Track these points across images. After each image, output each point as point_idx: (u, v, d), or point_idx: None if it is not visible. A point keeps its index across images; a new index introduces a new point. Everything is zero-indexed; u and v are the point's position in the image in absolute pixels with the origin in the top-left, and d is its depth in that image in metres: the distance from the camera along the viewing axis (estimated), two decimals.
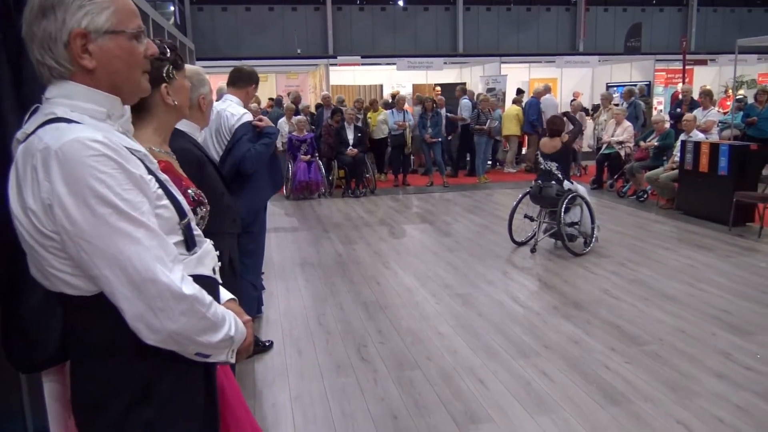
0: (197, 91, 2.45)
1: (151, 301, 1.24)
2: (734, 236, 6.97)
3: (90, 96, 1.31)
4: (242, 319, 1.52)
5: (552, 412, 3.22)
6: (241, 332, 1.48)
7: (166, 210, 1.36)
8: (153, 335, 1.26)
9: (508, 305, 4.91)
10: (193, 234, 1.47)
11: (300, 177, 9.98)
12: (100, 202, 1.19)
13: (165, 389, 1.36)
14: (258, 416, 3.27)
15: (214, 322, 1.35)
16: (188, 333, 1.30)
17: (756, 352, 3.90)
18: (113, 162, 1.21)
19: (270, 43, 22.54)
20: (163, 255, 1.26)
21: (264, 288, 5.28)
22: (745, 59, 15.43)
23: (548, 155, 6.50)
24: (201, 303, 1.31)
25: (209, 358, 1.39)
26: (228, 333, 1.39)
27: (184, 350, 1.33)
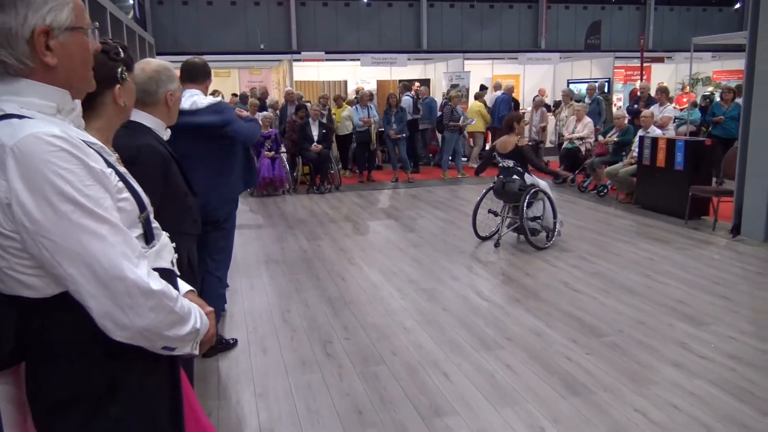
0: (165, 87, 2.40)
1: (119, 298, 1.22)
2: (690, 229, 7.17)
3: (43, 92, 1.28)
4: (205, 310, 1.52)
5: (515, 404, 3.27)
6: (205, 324, 1.49)
7: (128, 203, 1.35)
8: (121, 332, 1.25)
9: (472, 299, 4.96)
10: (152, 227, 1.46)
11: (264, 173, 9.89)
12: (62, 199, 1.16)
13: (132, 386, 1.36)
14: (222, 415, 3.25)
15: (181, 315, 1.35)
16: (157, 328, 1.30)
17: (710, 342, 4.02)
18: (73, 157, 1.19)
19: (232, 38, 22.23)
20: (129, 251, 1.25)
21: (228, 286, 5.22)
22: (700, 57, 15.86)
23: (504, 154, 6.59)
24: (169, 297, 1.31)
25: (175, 350, 1.39)
26: (194, 325, 1.40)
27: (152, 345, 1.33)
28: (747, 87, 6.77)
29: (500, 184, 6.56)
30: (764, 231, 6.48)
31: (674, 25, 26.79)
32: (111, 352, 1.29)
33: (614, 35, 25.24)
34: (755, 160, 6.57)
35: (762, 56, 6.46)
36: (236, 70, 16.78)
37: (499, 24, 25.41)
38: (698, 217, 7.58)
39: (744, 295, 4.95)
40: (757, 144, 6.53)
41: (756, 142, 6.55)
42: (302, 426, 3.11)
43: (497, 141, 6.88)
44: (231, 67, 16.83)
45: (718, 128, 9.99)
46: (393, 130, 10.99)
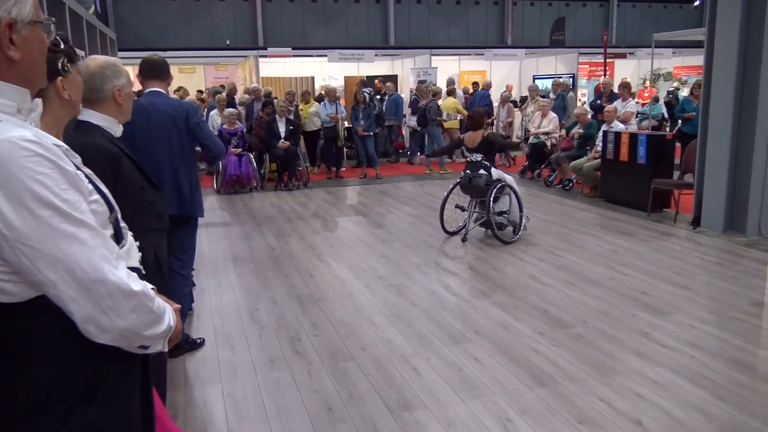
0: (111, 82, 2.35)
1: (101, 301, 1.22)
2: (652, 222, 7.33)
3: (4, 91, 1.25)
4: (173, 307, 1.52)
5: (483, 396, 3.31)
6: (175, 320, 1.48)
7: (99, 205, 1.34)
8: (104, 335, 1.25)
9: (441, 294, 5.00)
10: (121, 227, 1.46)
11: (231, 171, 9.79)
12: (41, 205, 1.14)
13: (108, 387, 1.35)
14: (190, 415, 3.22)
15: (159, 314, 1.36)
16: (137, 328, 1.30)
17: (672, 331, 4.12)
18: (48, 161, 1.17)
19: (197, 34, 21.93)
20: (108, 253, 1.24)
21: (194, 284, 5.17)
22: (661, 53, 16.20)
23: (472, 148, 6.65)
24: (148, 298, 1.32)
25: (149, 349, 1.39)
26: (169, 323, 1.41)
27: (129, 345, 1.33)
28: (705, 83, 6.94)
29: (467, 179, 6.61)
30: (723, 223, 6.66)
31: (636, 22, 27.29)
32: (87, 353, 1.28)
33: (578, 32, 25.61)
34: (714, 154, 6.74)
35: (720, 52, 6.63)
36: (201, 66, 16.58)
37: (465, 20, 25.56)
38: (660, 209, 7.75)
39: (703, 285, 5.08)
40: (716, 138, 6.70)
41: (714, 136, 6.72)
42: (271, 424, 3.10)
43: (465, 135, 6.93)
44: (196, 63, 16.63)
45: (688, 125, 9.89)
46: (361, 126, 10.99)
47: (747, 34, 6.38)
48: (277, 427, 3.08)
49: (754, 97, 6.33)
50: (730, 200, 6.64)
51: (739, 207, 6.59)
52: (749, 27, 6.36)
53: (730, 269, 5.47)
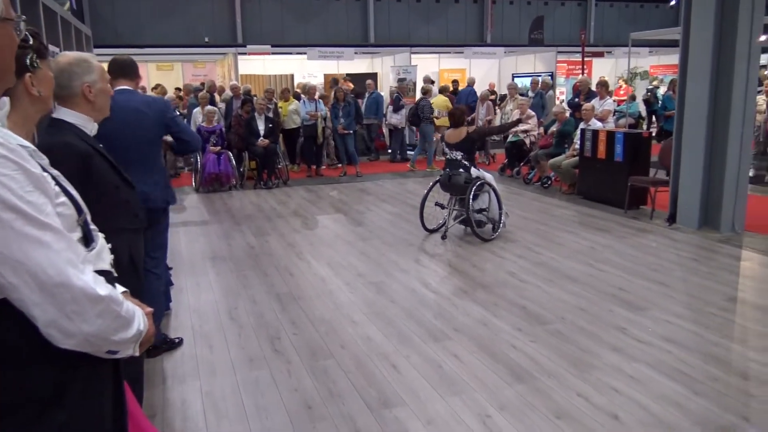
0: (81, 79, 2.31)
1: (65, 305, 1.19)
2: (629, 218, 7.42)
3: None
4: (144, 311, 1.50)
5: (462, 393, 3.32)
6: (146, 325, 1.46)
7: (66, 207, 1.32)
8: (68, 340, 1.22)
9: (420, 291, 5.01)
10: (90, 229, 1.43)
11: (209, 169, 9.71)
12: (4, 208, 1.12)
13: (77, 390, 1.33)
14: (167, 415, 3.19)
15: (127, 319, 1.34)
16: (104, 334, 1.28)
17: (648, 326, 4.18)
18: (12, 163, 1.14)
19: (175, 31, 21.70)
20: (74, 257, 1.22)
21: (173, 284, 5.13)
22: (638, 52, 16.37)
23: (453, 145, 6.67)
24: (115, 302, 1.29)
25: (118, 353, 1.37)
26: (139, 328, 1.39)
27: (97, 351, 1.31)
28: (681, 81, 7.03)
29: (446, 177, 6.63)
30: (698, 219, 6.76)
31: (614, 21, 27.58)
32: (56, 357, 1.26)
33: (557, 30, 25.81)
34: (689, 152, 6.83)
35: (694, 51, 6.72)
36: (179, 64, 16.40)
37: (445, 18, 25.62)
38: (637, 206, 7.85)
39: (679, 281, 5.15)
40: (690, 136, 6.80)
41: (689, 134, 6.82)
42: (250, 423, 3.08)
43: (446, 132, 6.95)
44: (174, 61, 16.44)
45: (670, 122, 10.06)
46: (341, 124, 10.96)
47: (721, 33, 6.47)
48: (257, 426, 3.06)
49: (728, 96, 6.43)
50: (704, 197, 6.74)
51: (713, 204, 6.70)
52: (723, 26, 6.45)
53: (705, 265, 5.56)
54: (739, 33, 6.29)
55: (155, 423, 3.09)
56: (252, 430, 3.03)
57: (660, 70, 17.53)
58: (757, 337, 3.98)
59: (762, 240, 6.31)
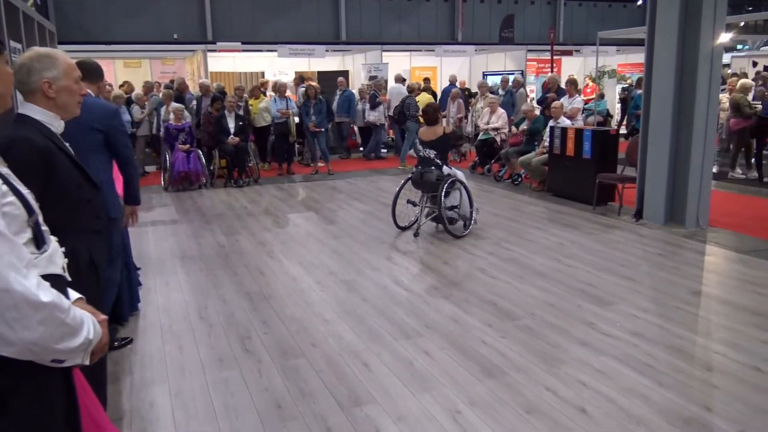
0: (40, 74, 2.25)
1: (5, 312, 1.15)
2: (597, 215, 7.53)
3: None
4: (98, 318, 1.46)
5: (433, 389, 3.34)
6: (98, 333, 1.42)
7: (14, 207, 1.27)
8: (8, 348, 1.18)
9: (392, 289, 5.02)
10: (42, 230, 1.39)
11: (179, 167, 9.58)
12: None
13: (23, 399, 1.28)
14: (135, 416, 3.14)
15: (73, 327, 1.29)
16: (47, 342, 1.23)
17: (615, 321, 4.25)
18: None
19: (144, 27, 21.33)
20: (16, 261, 1.17)
21: (141, 284, 5.06)
22: (606, 50, 16.61)
23: (427, 143, 6.68)
24: (60, 309, 1.24)
25: (64, 362, 1.32)
26: (87, 336, 1.34)
27: (40, 359, 1.26)
28: (647, 80, 7.15)
29: (418, 174, 6.65)
30: (664, 215, 6.90)
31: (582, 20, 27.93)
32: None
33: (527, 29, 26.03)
34: (655, 149, 6.96)
35: (659, 50, 6.84)
36: (147, 61, 16.13)
37: (416, 16, 25.65)
38: (605, 203, 7.97)
39: (645, 276, 5.25)
40: (656, 133, 6.93)
41: (655, 131, 6.95)
42: (219, 424, 3.06)
43: (421, 130, 6.96)
44: (142, 57, 16.16)
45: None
46: (312, 122, 10.91)
47: (685, 33, 6.60)
48: (226, 426, 3.03)
49: (692, 94, 6.56)
50: (670, 193, 6.88)
51: (678, 200, 6.83)
52: (687, 26, 6.58)
53: (670, 260, 5.67)
54: (702, 33, 6.42)
55: (122, 425, 3.05)
56: (221, 430, 3.00)
57: (627, 69, 17.79)
58: (720, 330, 4.08)
59: (725, 235, 6.46)
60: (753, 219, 7.11)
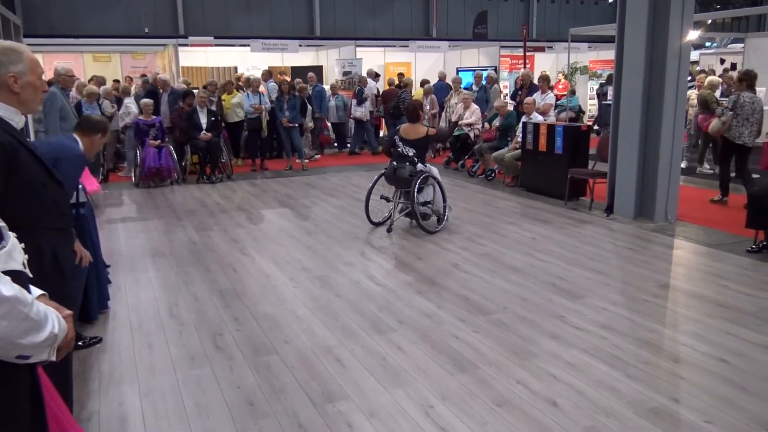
0: (5, 68, 2.20)
1: None
2: (569, 210, 7.62)
3: None
4: (63, 314, 1.43)
5: (406, 384, 3.35)
6: (63, 328, 1.40)
7: None
8: None
9: (365, 284, 5.02)
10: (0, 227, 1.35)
11: (149, 163, 9.44)
12: None
13: None
14: (103, 417, 3.09)
15: (37, 321, 1.27)
16: (10, 336, 1.21)
17: (585, 314, 4.30)
18: None
19: (113, 21, 21.01)
20: None
21: (110, 282, 4.98)
22: (578, 47, 16.76)
23: (408, 141, 6.67)
24: (23, 303, 1.22)
25: (30, 359, 1.30)
26: (52, 331, 1.32)
27: (4, 355, 1.23)
28: (617, 76, 7.24)
29: (392, 170, 6.65)
30: (634, 210, 7.00)
31: (555, 17, 28.24)
32: None
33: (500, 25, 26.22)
34: (625, 144, 7.06)
35: (629, 47, 6.93)
36: (118, 55, 15.83)
37: (391, 12, 25.67)
38: (577, 198, 8.06)
39: (615, 269, 5.32)
40: (626, 129, 7.02)
41: (625, 127, 7.04)
42: (190, 422, 3.02)
43: (402, 127, 6.95)
44: (112, 52, 15.87)
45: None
46: (285, 117, 10.83)
47: (654, 30, 6.70)
48: (197, 425, 3.00)
49: (661, 91, 6.66)
50: (639, 188, 6.98)
51: (647, 195, 6.94)
52: (656, 23, 6.68)
53: (639, 254, 5.76)
54: (670, 30, 6.52)
55: (90, 426, 3.00)
56: (192, 429, 2.97)
57: (599, 65, 17.99)
58: (687, 322, 4.16)
59: (693, 229, 6.58)
60: (719, 213, 7.26)
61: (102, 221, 7.14)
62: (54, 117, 7.03)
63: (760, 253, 5.61)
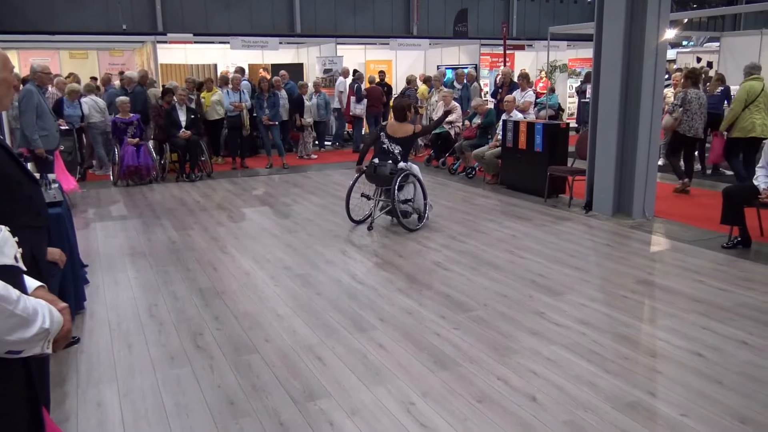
0: None
1: None
2: (549, 207, 7.68)
3: None
4: (58, 306, 1.43)
5: (387, 382, 3.36)
6: (58, 321, 1.40)
7: None
8: None
9: (347, 282, 5.02)
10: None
11: (128, 161, 9.34)
12: None
13: None
14: (81, 417, 3.06)
15: (24, 317, 1.26)
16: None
17: (565, 310, 4.35)
18: None
19: (91, 17, 20.71)
20: None
21: (88, 282, 4.93)
22: (557, 45, 16.90)
23: (395, 138, 6.68)
24: (7, 300, 1.22)
25: (22, 353, 1.30)
26: (42, 326, 1.31)
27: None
28: (595, 75, 7.31)
29: (372, 168, 6.65)
30: (612, 206, 7.08)
31: (535, 15, 28.41)
32: None
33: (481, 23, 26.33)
34: (603, 142, 7.13)
35: (607, 45, 7.00)
36: (95, 52, 15.61)
37: (372, 10, 25.63)
38: (556, 195, 8.14)
39: (594, 266, 5.38)
40: (604, 127, 7.10)
41: (603, 125, 7.12)
42: (170, 422, 3.00)
43: (388, 124, 6.95)
44: (89, 49, 15.65)
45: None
46: (266, 115, 10.78)
47: (631, 29, 6.78)
48: (177, 425, 2.99)
49: (638, 89, 6.74)
50: (617, 185, 7.07)
51: (625, 191, 7.03)
52: (633, 22, 6.76)
53: (618, 250, 5.83)
54: (647, 29, 6.60)
55: (69, 427, 2.97)
56: (172, 429, 2.95)
57: (578, 64, 18.14)
58: (664, 317, 4.22)
59: (669, 225, 6.68)
60: (696, 210, 7.37)
61: (79, 220, 7.06)
62: (30, 115, 6.93)
63: (734, 248, 5.71)
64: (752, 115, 7.75)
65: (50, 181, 4.72)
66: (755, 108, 7.74)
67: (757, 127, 7.75)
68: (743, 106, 7.75)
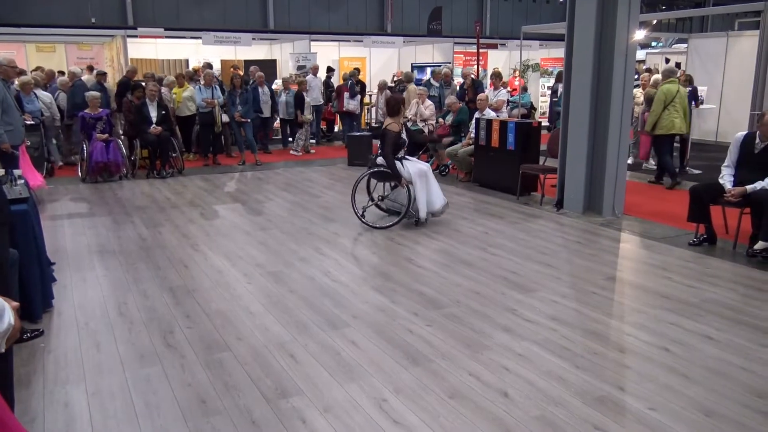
0: None
1: None
2: (521, 204, 7.76)
3: None
4: (10, 305, 1.40)
5: (360, 378, 3.36)
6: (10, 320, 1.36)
7: None
8: None
9: (320, 280, 5.00)
10: None
11: (97, 157, 9.17)
12: None
13: None
14: (48, 418, 3.00)
15: None
16: None
17: (536, 306, 4.39)
18: None
19: (58, 9, 20.27)
20: None
21: (55, 280, 4.84)
22: (530, 45, 17.05)
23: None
24: None
25: None
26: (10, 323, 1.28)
27: None
28: (566, 75, 7.40)
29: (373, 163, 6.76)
30: (583, 204, 7.18)
31: (508, 14, 28.62)
32: None
33: (455, 22, 26.42)
34: (574, 141, 7.22)
35: (578, 45, 7.09)
36: (63, 45, 15.29)
37: (345, 7, 25.55)
38: (528, 193, 8.22)
39: (565, 263, 5.45)
40: (575, 126, 7.19)
41: (574, 123, 7.21)
42: (140, 422, 2.96)
43: (386, 121, 6.97)
44: (57, 42, 15.31)
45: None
46: (238, 112, 10.68)
47: (602, 29, 6.87)
48: (147, 424, 2.94)
49: (608, 88, 6.84)
50: (588, 183, 7.16)
51: (596, 189, 7.13)
52: (603, 22, 6.85)
53: (588, 247, 5.91)
54: (617, 29, 6.69)
55: (35, 428, 2.91)
56: (142, 428, 2.91)
57: (550, 63, 18.34)
58: (633, 313, 4.29)
59: (638, 223, 6.79)
60: (663, 207, 7.50)
61: (46, 217, 6.92)
62: None
63: (700, 246, 5.84)
64: (671, 115, 8.54)
65: (16, 177, 4.62)
66: (673, 108, 8.54)
67: (676, 125, 8.56)
68: (663, 107, 8.53)
